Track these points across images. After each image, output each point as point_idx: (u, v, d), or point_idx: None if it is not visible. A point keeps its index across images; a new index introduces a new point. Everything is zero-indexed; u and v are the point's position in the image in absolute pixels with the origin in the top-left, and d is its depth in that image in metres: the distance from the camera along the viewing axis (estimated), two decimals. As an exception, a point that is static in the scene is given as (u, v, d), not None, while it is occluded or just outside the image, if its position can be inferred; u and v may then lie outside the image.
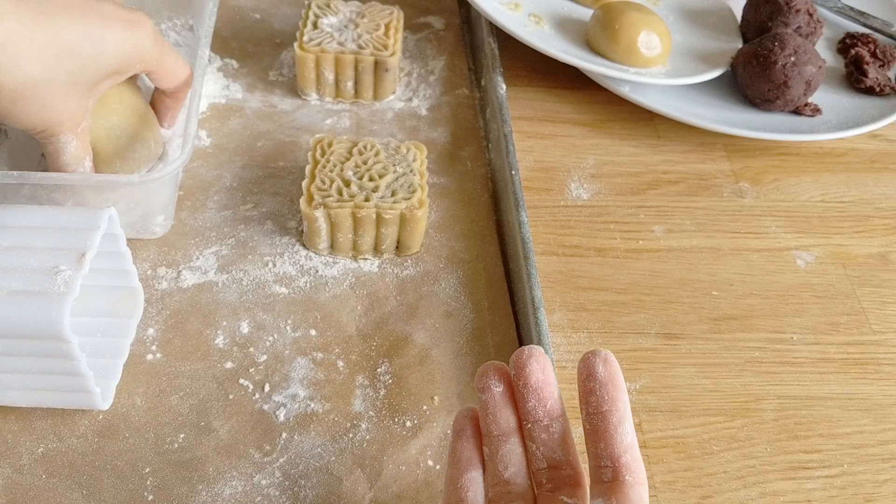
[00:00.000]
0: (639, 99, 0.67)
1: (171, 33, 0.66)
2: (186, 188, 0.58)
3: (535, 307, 0.50)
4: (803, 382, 0.53)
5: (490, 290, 0.54)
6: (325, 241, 0.54)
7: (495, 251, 0.57)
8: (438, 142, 0.64)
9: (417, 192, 0.53)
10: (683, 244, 0.60)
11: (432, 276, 0.55)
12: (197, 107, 0.52)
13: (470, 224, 0.58)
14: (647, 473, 0.47)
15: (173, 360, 0.49)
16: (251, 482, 0.44)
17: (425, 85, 0.69)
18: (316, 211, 0.52)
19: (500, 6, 0.70)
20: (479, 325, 0.52)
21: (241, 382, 0.48)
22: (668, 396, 0.51)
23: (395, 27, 0.65)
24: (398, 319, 0.52)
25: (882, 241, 0.62)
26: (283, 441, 0.46)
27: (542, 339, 0.48)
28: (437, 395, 0.48)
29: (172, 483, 0.43)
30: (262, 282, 0.53)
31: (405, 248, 0.55)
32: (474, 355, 0.51)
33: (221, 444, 0.45)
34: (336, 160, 0.54)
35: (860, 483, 0.48)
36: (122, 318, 0.49)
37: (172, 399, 0.47)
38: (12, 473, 0.43)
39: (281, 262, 0.54)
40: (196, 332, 0.50)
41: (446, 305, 0.53)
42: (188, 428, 0.46)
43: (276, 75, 0.68)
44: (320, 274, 0.54)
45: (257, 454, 0.45)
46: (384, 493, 0.44)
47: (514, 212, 0.56)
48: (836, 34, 0.79)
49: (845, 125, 0.68)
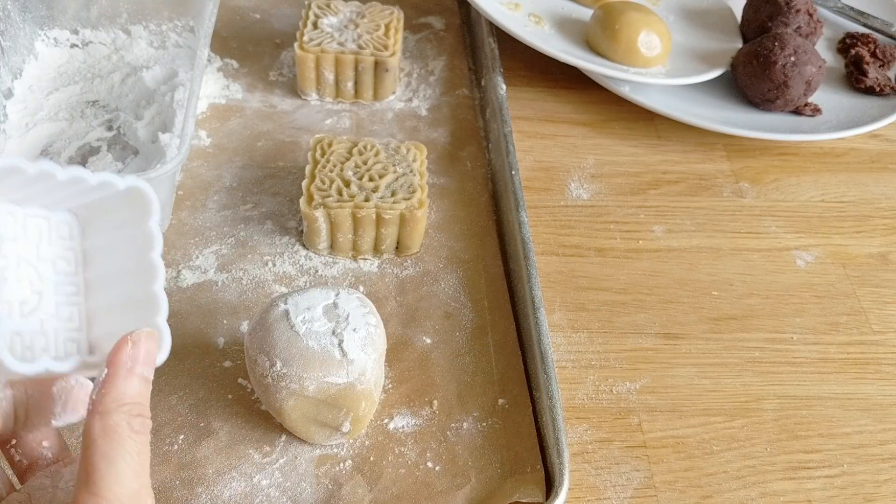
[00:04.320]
0: (639, 99, 0.67)
1: (171, 34, 0.66)
2: (186, 188, 0.58)
3: (535, 307, 0.50)
4: (803, 382, 0.53)
5: (490, 289, 0.54)
6: (324, 241, 0.54)
7: (495, 251, 0.57)
8: (438, 142, 0.64)
9: (417, 192, 0.53)
10: (683, 244, 0.60)
11: (432, 277, 0.55)
12: (195, 107, 0.52)
13: (470, 224, 0.58)
14: (647, 473, 0.47)
15: (172, 360, 0.48)
16: (251, 482, 0.44)
17: (425, 85, 0.69)
18: (316, 211, 0.52)
19: (500, 6, 0.70)
20: (480, 324, 0.52)
21: (240, 382, 0.48)
22: (668, 396, 0.51)
23: (396, 27, 0.65)
24: (398, 320, 0.52)
25: (882, 241, 0.62)
26: (283, 442, 0.46)
27: (541, 339, 0.48)
28: (436, 397, 0.48)
29: (172, 485, 0.43)
30: (262, 281, 0.53)
31: (405, 249, 0.55)
32: (474, 355, 0.51)
33: (221, 445, 0.45)
34: (336, 160, 0.54)
35: (860, 483, 0.48)
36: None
37: (171, 399, 0.47)
38: (11, 475, 0.43)
39: (281, 262, 0.54)
40: (195, 331, 0.50)
41: (446, 306, 0.53)
42: (188, 429, 0.46)
43: (276, 75, 0.68)
44: (320, 274, 0.54)
45: (257, 455, 0.45)
46: (384, 495, 0.44)
47: (514, 212, 0.56)
48: (836, 34, 0.79)
49: (845, 125, 0.68)
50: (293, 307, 0.43)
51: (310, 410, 0.43)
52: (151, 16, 0.66)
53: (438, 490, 0.44)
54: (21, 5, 0.62)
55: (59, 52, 0.65)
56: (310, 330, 0.42)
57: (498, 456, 0.46)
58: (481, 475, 0.45)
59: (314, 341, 0.42)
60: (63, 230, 0.35)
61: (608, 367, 0.52)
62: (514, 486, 0.44)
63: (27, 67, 0.63)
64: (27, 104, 0.60)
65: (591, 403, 0.50)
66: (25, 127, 0.59)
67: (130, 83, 0.63)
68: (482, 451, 0.46)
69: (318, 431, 0.44)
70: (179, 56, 0.66)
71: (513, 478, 0.45)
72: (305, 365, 0.42)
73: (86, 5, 0.65)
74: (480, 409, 0.48)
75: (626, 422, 0.49)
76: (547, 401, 0.46)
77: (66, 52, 0.65)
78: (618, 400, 0.50)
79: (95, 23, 0.65)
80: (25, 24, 0.63)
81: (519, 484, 0.44)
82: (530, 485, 0.44)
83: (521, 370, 0.50)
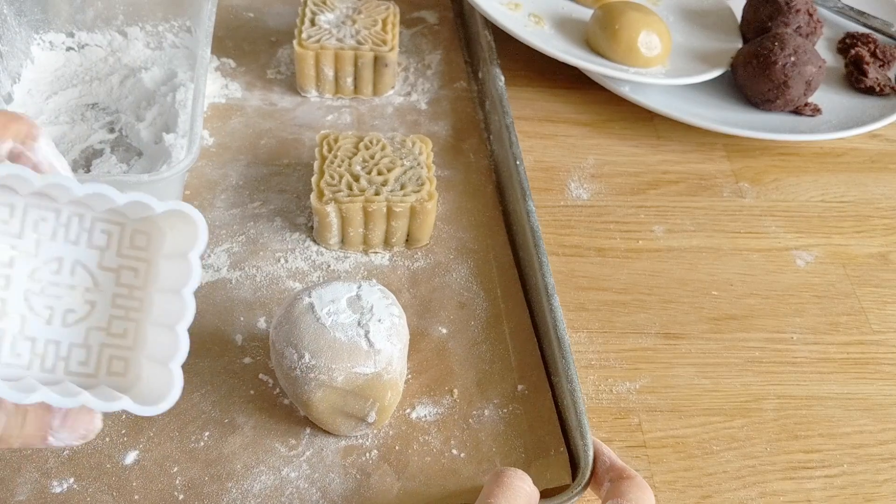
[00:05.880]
0: (639, 99, 0.67)
1: (168, 35, 0.66)
2: (192, 187, 0.58)
3: (548, 294, 0.50)
4: (803, 382, 0.53)
5: (502, 278, 0.54)
6: (335, 236, 0.54)
7: (504, 240, 0.57)
8: (440, 135, 0.64)
9: (426, 184, 0.53)
10: (683, 244, 0.60)
11: (443, 268, 0.55)
12: (202, 107, 0.52)
13: (477, 215, 0.58)
14: (647, 473, 0.47)
15: (192, 357, 0.47)
16: (280, 475, 0.44)
17: (423, 79, 0.69)
18: (327, 206, 0.52)
19: (500, 6, 0.70)
20: (494, 313, 0.52)
21: (261, 378, 0.48)
22: (668, 396, 0.51)
23: (392, 22, 0.65)
24: (413, 312, 0.52)
25: (882, 241, 0.62)
26: (308, 435, 0.46)
27: (557, 325, 0.48)
28: (456, 386, 0.48)
29: (202, 481, 0.43)
30: (276, 277, 0.53)
31: (415, 241, 0.55)
32: (491, 343, 0.51)
33: (247, 440, 0.45)
34: (343, 155, 0.54)
35: (860, 483, 0.48)
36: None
37: (195, 396, 0.47)
38: (40, 477, 0.42)
39: (293, 258, 0.54)
40: (213, 329, 0.50)
41: (459, 296, 0.53)
42: (213, 425, 0.46)
43: (273, 73, 0.68)
44: (332, 268, 0.54)
45: (283, 448, 0.45)
46: (412, 483, 0.44)
47: (521, 202, 0.56)
48: (836, 34, 0.79)
49: (845, 125, 0.68)
50: (317, 300, 0.43)
51: (337, 401, 0.43)
52: (147, 17, 0.65)
53: (465, 476, 0.45)
54: (16, 9, 0.62)
55: (54, 55, 0.64)
56: (336, 322, 0.43)
57: (521, 441, 0.46)
58: (506, 461, 0.45)
59: (341, 332, 0.42)
60: (140, 240, 0.32)
61: (608, 367, 0.52)
62: (539, 470, 0.45)
63: (24, 72, 0.62)
64: (27, 108, 0.60)
65: (590, 403, 0.50)
66: (27, 130, 0.59)
67: (129, 85, 0.63)
68: (505, 437, 0.46)
69: (344, 422, 0.44)
70: (177, 57, 0.66)
71: (537, 462, 0.45)
72: (334, 356, 0.42)
73: (81, 8, 0.64)
74: (500, 396, 0.48)
75: (625, 422, 0.49)
76: (567, 385, 0.46)
77: (62, 55, 0.65)
78: (618, 400, 0.50)
79: (91, 25, 0.65)
80: (21, 28, 0.63)
81: (544, 468, 0.45)
82: (555, 468, 0.45)
83: (538, 356, 0.50)
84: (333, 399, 0.43)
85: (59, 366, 0.31)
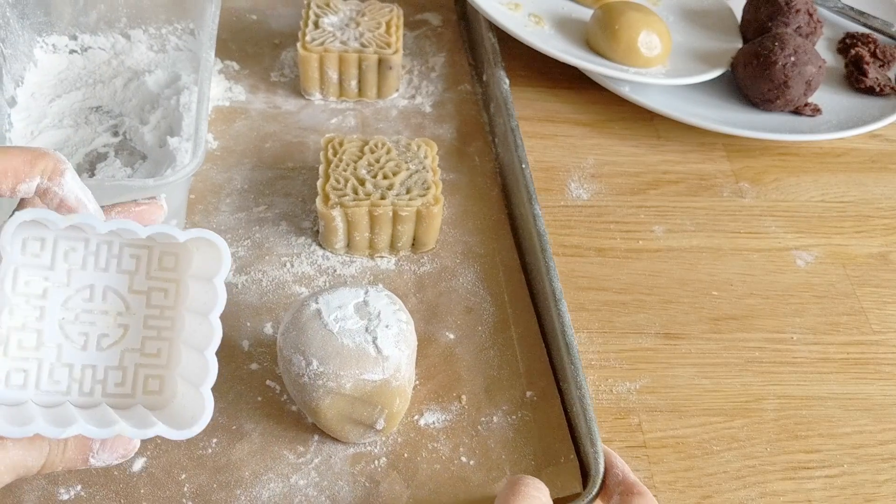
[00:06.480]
0: (639, 99, 0.67)
1: (171, 38, 0.66)
2: (197, 191, 0.58)
3: (556, 298, 0.50)
4: (803, 382, 0.53)
5: (508, 283, 0.54)
6: (341, 241, 0.54)
7: (510, 244, 0.57)
8: (445, 138, 0.64)
9: (432, 188, 0.53)
10: (683, 244, 0.60)
11: (450, 272, 0.55)
12: (206, 110, 0.52)
13: (483, 219, 0.58)
14: (647, 473, 0.47)
15: None
16: (288, 483, 0.44)
17: (427, 82, 0.69)
18: (333, 210, 0.52)
19: (500, 6, 0.71)
20: (501, 318, 0.52)
21: (269, 384, 0.48)
22: (668, 396, 0.51)
23: (396, 24, 0.66)
24: (420, 317, 0.52)
25: (882, 241, 0.62)
26: (316, 442, 0.46)
27: (565, 331, 0.48)
28: (464, 392, 0.48)
29: (210, 489, 0.43)
30: (282, 282, 0.53)
31: (421, 245, 0.55)
32: (498, 348, 0.51)
33: (255, 447, 0.45)
34: (349, 159, 0.54)
35: (860, 483, 0.48)
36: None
37: None
38: (47, 484, 0.42)
39: (299, 263, 0.54)
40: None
41: (466, 301, 0.53)
42: (220, 432, 0.46)
43: (277, 76, 0.69)
44: (338, 273, 0.54)
45: (291, 455, 0.45)
46: (422, 491, 0.44)
47: (527, 205, 0.56)
48: (836, 34, 0.79)
49: (845, 125, 0.68)
50: (324, 306, 0.43)
51: (345, 408, 0.43)
52: (150, 19, 0.66)
53: (475, 484, 0.44)
54: (19, 12, 0.62)
55: (58, 58, 0.65)
56: (343, 328, 0.43)
57: (531, 448, 0.46)
58: (516, 468, 0.45)
59: (349, 339, 0.42)
60: (169, 261, 0.33)
61: (608, 367, 0.52)
62: (549, 477, 0.44)
63: (28, 75, 0.63)
64: (31, 112, 0.60)
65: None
66: (31, 135, 0.59)
67: (133, 88, 0.64)
68: (514, 444, 0.46)
69: (353, 430, 0.44)
70: (180, 59, 0.66)
71: (547, 469, 0.45)
72: (342, 363, 0.42)
73: (84, 10, 0.64)
74: (509, 403, 0.48)
75: (625, 422, 0.50)
76: (576, 391, 0.46)
77: (66, 58, 0.65)
78: (618, 400, 0.51)
79: (94, 28, 0.65)
80: (24, 31, 0.63)
81: (554, 475, 0.45)
82: (565, 475, 0.45)
83: (547, 362, 0.50)
84: (342, 406, 0.43)
85: (96, 389, 0.32)
